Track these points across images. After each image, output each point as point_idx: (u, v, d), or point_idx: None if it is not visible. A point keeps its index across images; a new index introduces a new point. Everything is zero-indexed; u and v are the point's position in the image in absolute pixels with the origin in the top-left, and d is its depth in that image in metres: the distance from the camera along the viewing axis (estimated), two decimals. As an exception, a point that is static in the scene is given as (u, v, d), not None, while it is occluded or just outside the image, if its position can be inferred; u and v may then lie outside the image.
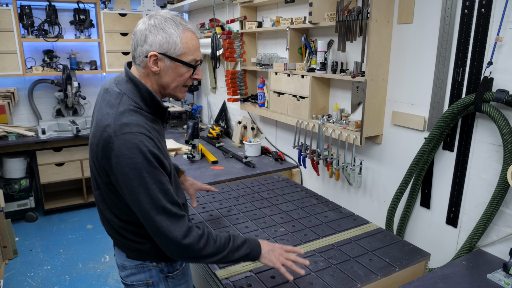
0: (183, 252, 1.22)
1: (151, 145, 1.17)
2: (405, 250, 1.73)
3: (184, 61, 1.24)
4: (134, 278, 1.37)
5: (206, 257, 1.25)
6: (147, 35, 1.20)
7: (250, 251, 1.33)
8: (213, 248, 1.26)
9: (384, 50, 2.03)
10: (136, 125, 1.17)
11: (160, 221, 1.17)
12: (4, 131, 3.72)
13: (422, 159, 1.91)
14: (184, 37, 1.22)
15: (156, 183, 1.17)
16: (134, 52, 1.25)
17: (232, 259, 1.31)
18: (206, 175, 2.71)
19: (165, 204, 1.18)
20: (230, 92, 3.22)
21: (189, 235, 1.21)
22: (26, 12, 3.91)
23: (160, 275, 1.38)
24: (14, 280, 2.94)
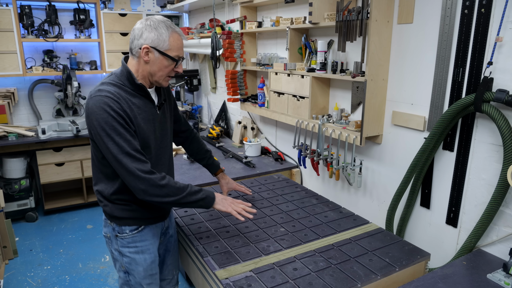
0: (148, 188, 1.48)
1: (116, 106, 1.46)
2: (405, 250, 1.73)
3: (169, 55, 1.54)
4: (103, 229, 1.72)
5: (168, 196, 1.51)
6: (143, 32, 1.51)
7: (206, 196, 1.63)
8: (173, 188, 1.52)
9: (384, 50, 2.03)
10: (107, 91, 1.48)
11: (127, 162, 1.45)
12: (4, 131, 3.72)
13: (422, 159, 1.91)
14: (171, 37, 1.53)
15: (119, 134, 1.45)
16: (131, 45, 1.55)
17: (190, 200, 1.57)
18: (206, 175, 2.71)
19: (129, 150, 1.46)
20: (230, 92, 3.22)
21: (153, 173, 1.49)
22: (26, 12, 3.91)
23: (113, 232, 1.67)
24: (14, 280, 2.94)
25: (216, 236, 1.87)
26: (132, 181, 1.47)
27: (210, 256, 1.70)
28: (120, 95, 1.49)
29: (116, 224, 1.64)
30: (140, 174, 1.45)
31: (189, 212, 2.15)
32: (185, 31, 4.38)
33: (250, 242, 1.82)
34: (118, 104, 1.47)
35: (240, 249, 1.76)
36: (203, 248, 1.77)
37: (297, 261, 1.65)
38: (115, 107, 1.46)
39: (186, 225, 1.99)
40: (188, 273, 2.06)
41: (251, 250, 1.74)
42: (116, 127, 1.45)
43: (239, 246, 1.78)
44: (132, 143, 1.47)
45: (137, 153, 1.48)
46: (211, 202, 1.66)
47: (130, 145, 1.47)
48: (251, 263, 1.64)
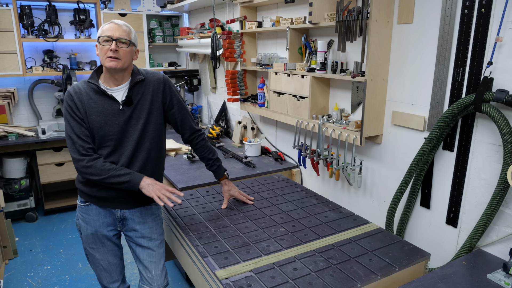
0: (76, 167, 1.79)
1: (69, 99, 1.78)
2: (405, 250, 1.73)
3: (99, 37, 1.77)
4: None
5: (92, 174, 1.77)
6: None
7: (129, 179, 1.78)
8: (97, 169, 1.76)
9: (384, 50, 2.03)
10: (74, 85, 1.83)
11: (69, 144, 1.79)
12: (4, 131, 3.72)
13: (422, 159, 1.91)
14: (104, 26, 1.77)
15: (69, 121, 1.78)
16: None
17: (113, 182, 1.77)
18: (206, 175, 2.71)
19: (72, 135, 1.77)
20: (230, 92, 3.22)
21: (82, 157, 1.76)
22: (26, 12, 3.91)
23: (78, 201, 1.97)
24: (14, 280, 2.94)
25: (216, 236, 1.87)
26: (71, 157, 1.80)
27: (210, 256, 1.70)
28: (82, 90, 1.79)
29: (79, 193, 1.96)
30: (73, 158, 1.78)
31: (189, 212, 2.15)
32: (185, 31, 4.38)
33: (250, 242, 1.82)
34: (71, 97, 1.78)
35: (240, 249, 1.76)
36: (203, 248, 1.77)
37: (297, 261, 1.65)
38: (68, 100, 1.79)
39: (186, 226, 1.99)
40: (188, 273, 2.05)
41: (251, 250, 1.74)
42: (68, 116, 1.78)
43: (239, 246, 1.78)
44: (76, 129, 1.77)
45: (78, 139, 1.76)
46: (136, 185, 1.79)
47: (73, 130, 1.77)
48: (251, 263, 1.64)
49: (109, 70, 1.78)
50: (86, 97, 1.79)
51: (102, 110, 1.80)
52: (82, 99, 1.78)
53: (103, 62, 1.77)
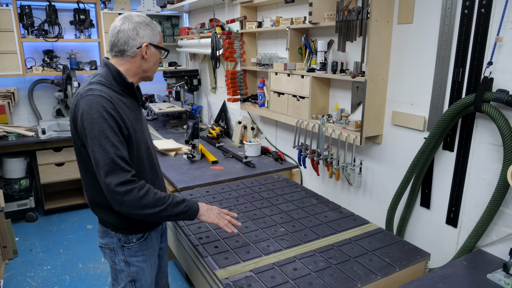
0: (123, 201, 1.37)
1: (109, 106, 1.40)
2: (405, 250, 1.73)
3: (163, 47, 1.59)
4: (102, 241, 1.63)
5: (146, 207, 1.40)
6: (138, 31, 1.50)
7: (188, 208, 1.54)
8: (153, 199, 1.42)
9: (384, 50, 2.03)
10: (99, 90, 1.42)
11: (106, 172, 1.36)
12: (4, 131, 3.72)
13: (422, 159, 1.91)
14: (158, 30, 1.57)
15: (107, 137, 1.37)
16: (125, 46, 1.50)
17: (172, 213, 1.48)
18: (206, 175, 2.71)
19: (114, 157, 1.36)
20: (230, 92, 3.22)
21: (127, 184, 1.37)
22: (26, 12, 3.91)
23: (118, 243, 1.59)
24: (14, 280, 2.94)
25: (216, 236, 1.87)
26: (107, 193, 1.38)
27: (210, 256, 1.70)
28: (113, 96, 1.45)
29: (122, 234, 1.58)
30: (114, 190, 1.35)
31: (189, 212, 2.15)
32: (185, 31, 4.38)
33: (250, 242, 1.82)
34: (112, 104, 1.42)
35: (240, 249, 1.76)
36: (203, 248, 1.77)
37: (297, 261, 1.65)
38: (108, 107, 1.39)
39: (186, 225, 1.99)
40: (188, 273, 2.06)
41: (251, 250, 1.74)
42: (107, 129, 1.37)
43: (239, 246, 1.78)
44: (119, 149, 1.38)
45: (122, 161, 1.38)
46: (195, 213, 1.57)
47: (118, 150, 1.38)
48: (251, 263, 1.64)
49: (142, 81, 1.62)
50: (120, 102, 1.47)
51: (136, 116, 1.55)
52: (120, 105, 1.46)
53: (152, 73, 1.59)
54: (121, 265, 1.61)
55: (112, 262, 1.63)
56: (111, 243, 1.60)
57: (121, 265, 1.61)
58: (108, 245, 1.61)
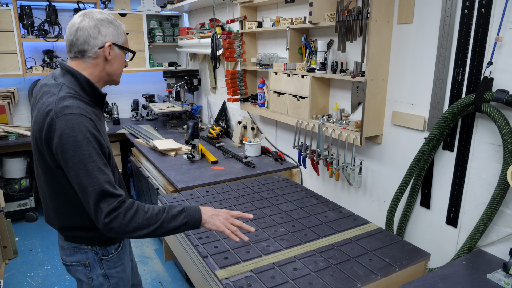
0: (111, 228, 1.25)
1: (91, 126, 1.27)
2: (405, 250, 1.73)
3: (128, 48, 1.45)
4: (72, 259, 1.47)
5: (137, 230, 1.28)
6: (99, 29, 1.34)
7: (189, 219, 1.36)
8: (143, 219, 1.28)
9: (384, 50, 2.03)
10: (76, 107, 1.27)
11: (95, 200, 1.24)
12: (4, 131, 3.72)
13: (422, 159, 1.91)
14: (123, 29, 1.42)
15: (94, 161, 1.25)
16: (84, 46, 1.34)
17: (170, 228, 1.33)
18: (206, 175, 2.71)
19: (102, 184, 1.24)
20: (230, 92, 3.22)
21: (113, 211, 1.25)
22: (26, 12, 3.91)
23: (95, 257, 1.47)
24: (14, 280, 2.94)
25: (216, 236, 1.87)
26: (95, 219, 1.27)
27: (210, 256, 1.70)
28: (87, 109, 1.31)
29: (100, 247, 1.47)
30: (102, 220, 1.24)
31: (189, 212, 2.15)
32: (185, 31, 4.38)
33: (250, 242, 1.82)
34: (93, 123, 1.29)
35: (240, 249, 1.76)
36: (203, 248, 1.77)
37: (297, 261, 1.65)
38: (90, 128, 1.27)
39: (186, 225, 1.99)
40: (188, 273, 2.06)
41: (251, 250, 1.74)
42: (92, 152, 1.25)
43: (239, 246, 1.78)
44: (106, 173, 1.27)
45: (110, 186, 1.27)
46: (197, 223, 1.39)
47: (105, 175, 1.27)
48: (251, 263, 1.64)
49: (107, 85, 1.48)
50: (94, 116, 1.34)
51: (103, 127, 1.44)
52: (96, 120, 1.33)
53: (117, 77, 1.46)
54: (99, 280, 1.49)
55: (88, 278, 1.48)
56: (85, 259, 1.47)
57: (100, 280, 1.49)
58: (81, 261, 1.47)
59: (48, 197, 1.43)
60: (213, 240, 1.84)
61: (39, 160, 1.38)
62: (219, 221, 1.42)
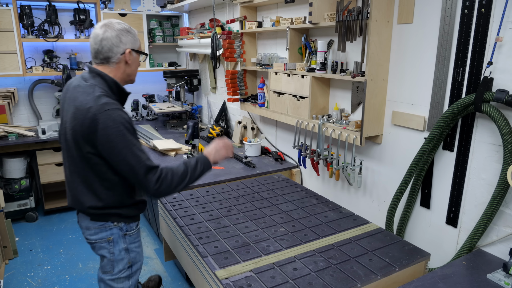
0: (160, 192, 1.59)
1: (127, 117, 1.54)
2: (405, 250, 1.73)
3: (142, 51, 1.71)
4: (96, 237, 1.70)
5: (177, 186, 1.61)
6: (120, 38, 1.59)
7: (204, 166, 1.72)
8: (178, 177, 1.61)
9: (384, 50, 2.03)
10: (112, 103, 1.53)
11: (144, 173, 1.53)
12: (4, 131, 3.72)
13: (422, 159, 1.91)
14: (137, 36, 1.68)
15: (135, 145, 1.53)
16: (110, 53, 1.59)
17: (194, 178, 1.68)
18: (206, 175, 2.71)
19: (145, 160, 1.54)
20: (230, 92, 3.22)
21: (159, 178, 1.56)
22: (26, 12, 3.91)
23: (119, 233, 1.71)
24: (14, 280, 2.94)
25: (216, 236, 1.88)
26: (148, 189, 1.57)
27: (210, 256, 1.70)
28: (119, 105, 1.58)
29: (124, 223, 1.71)
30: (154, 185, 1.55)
31: (189, 212, 2.15)
32: (185, 31, 4.38)
33: (250, 242, 1.82)
34: (126, 115, 1.56)
35: (240, 249, 1.76)
36: (203, 248, 1.77)
37: (297, 261, 1.65)
38: (127, 118, 1.54)
39: (186, 225, 1.99)
40: (188, 273, 2.06)
41: (251, 250, 1.74)
42: (133, 137, 1.54)
43: (239, 246, 1.78)
44: (144, 151, 1.56)
45: (150, 161, 1.57)
46: (209, 165, 1.76)
47: (143, 153, 1.55)
48: (251, 263, 1.64)
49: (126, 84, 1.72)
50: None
51: None
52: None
53: (134, 76, 1.72)
54: (121, 254, 1.73)
55: (110, 254, 1.71)
56: (109, 235, 1.69)
57: (122, 254, 1.73)
58: (106, 238, 1.70)
59: (80, 182, 1.64)
60: (213, 240, 1.84)
61: (75, 148, 1.58)
62: (222, 153, 1.84)
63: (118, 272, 1.73)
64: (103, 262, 1.74)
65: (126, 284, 1.77)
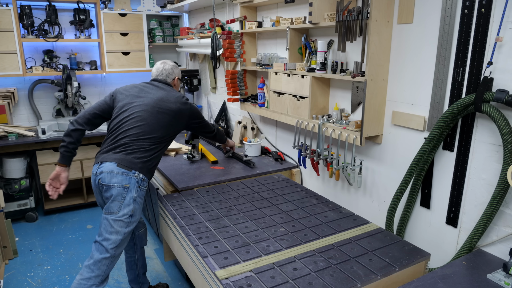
0: (218, 132, 2.73)
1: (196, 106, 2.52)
2: (405, 250, 1.73)
3: (181, 78, 2.59)
4: (116, 179, 2.02)
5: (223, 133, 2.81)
6: (173, 70, 2.47)
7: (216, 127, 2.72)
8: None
9: (384, 50, 2.03)
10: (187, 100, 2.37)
11: (211, 127, 2.62)
12: (4, 131, 3.72)
13: (422, 159, 1.91)
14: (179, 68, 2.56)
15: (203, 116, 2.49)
16: (168, 78, 2.44)
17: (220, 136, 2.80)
18: (206, 175, 2.71)
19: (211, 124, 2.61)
20: (230, 92, 3.22)
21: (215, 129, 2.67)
22: (26, 12, 3.91)
23: (136, 184, 2.06)
24: (14, 280, 2.94)
25: (216, 236, 1.88)
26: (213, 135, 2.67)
27: (210, 256, 1.70)
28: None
29: (143, 175, 2.09)
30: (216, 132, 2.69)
31: (189, 212, 2.15)
32: (185, 31, 4.38)
33: (250, 242, 1.82)
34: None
35: (240, 249, 1.76)
36: (203, 248, 1.77)
37: (297, 261, 1.65)
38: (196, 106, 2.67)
39: (186, 225, 2.00)
40: (188, 273, 2.06)
41: (251, 250, 1.74)
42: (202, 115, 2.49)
43: (239, 246, 1.78)
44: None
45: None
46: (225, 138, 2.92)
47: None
48: (251, 263, 1.64)
49: None
50: None
51: None
52: None
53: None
54: (130, 201, 2.04)
55: (122, 198, 2.03)
56: (127, 182, 2.03)
57: (130, 201, 2.04)
58: (126, 184, 2.03)
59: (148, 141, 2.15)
60: (213, 240, 1.84)
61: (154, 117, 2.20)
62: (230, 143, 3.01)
63: (122, 215, 2.02)
64: (111, 203, 2.02)
65: (123, 229, 2.03)
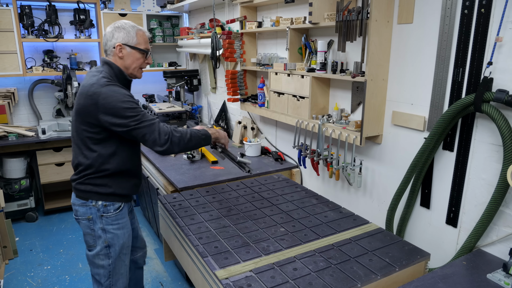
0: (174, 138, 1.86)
1: (127, 91, 1.77)
2: (405, 250, 1.73)
3: (139, 48, 1.84)
4: (79, 212, 1.87)
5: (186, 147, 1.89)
6: (113, 34, 1.81)
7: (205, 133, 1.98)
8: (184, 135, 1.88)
9: (384, 50, 2.03)
10: (113, 83, 1.76)
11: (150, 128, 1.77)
12: (4, 131, 3.72)
13: (422, 159, 1.91)
14: (137, 34, 1.83)
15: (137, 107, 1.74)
16: (105, 47, 1.84)
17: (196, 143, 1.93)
18: (206, 175, 2.71)
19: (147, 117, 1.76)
20: (230, 92, 3.22)
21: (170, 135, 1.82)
22: (26, 12, 3.91)
23: (97, 213, 1.85)
24: (14, 280, 2.94)
25: (216, 236, 1.88)
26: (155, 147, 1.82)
27: (210, 256, 1.70)
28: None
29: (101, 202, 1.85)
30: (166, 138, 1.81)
31: (189, 212, 2.15)
32: (185, 31, 4.38)
33: (250, 242, 1.82)
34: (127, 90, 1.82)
35: (240, 249, 1.76)
36: (203, 248, 1.77)
37: (297, 261, 1.65)
38: (127, 92, 1.76)
39: (186, 225, 1.99)
40: (188, 273, 2.06)
41: (251, 250, 1.74)
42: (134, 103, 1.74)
43: (239, 246, 1.78)
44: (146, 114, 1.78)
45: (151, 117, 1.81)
46: (209, 137, 1.99)
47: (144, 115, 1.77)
48: (251, 263, 1.64)
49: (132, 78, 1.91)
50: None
51: None
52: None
53: (134, 71, 1.87)
54: (99, 233, 1.87)
55: (91, 230, 1.88)
56: (89, 214, 1.86)
57: (99, 233, 1.87)
58: (86, 216, 1.86)
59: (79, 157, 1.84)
60: (213, 240, 1.84)
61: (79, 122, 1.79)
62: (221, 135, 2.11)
63: (100, 250, 1.88)
64: (85, 237, 1.92)
65: (106, 262, 1.90)
